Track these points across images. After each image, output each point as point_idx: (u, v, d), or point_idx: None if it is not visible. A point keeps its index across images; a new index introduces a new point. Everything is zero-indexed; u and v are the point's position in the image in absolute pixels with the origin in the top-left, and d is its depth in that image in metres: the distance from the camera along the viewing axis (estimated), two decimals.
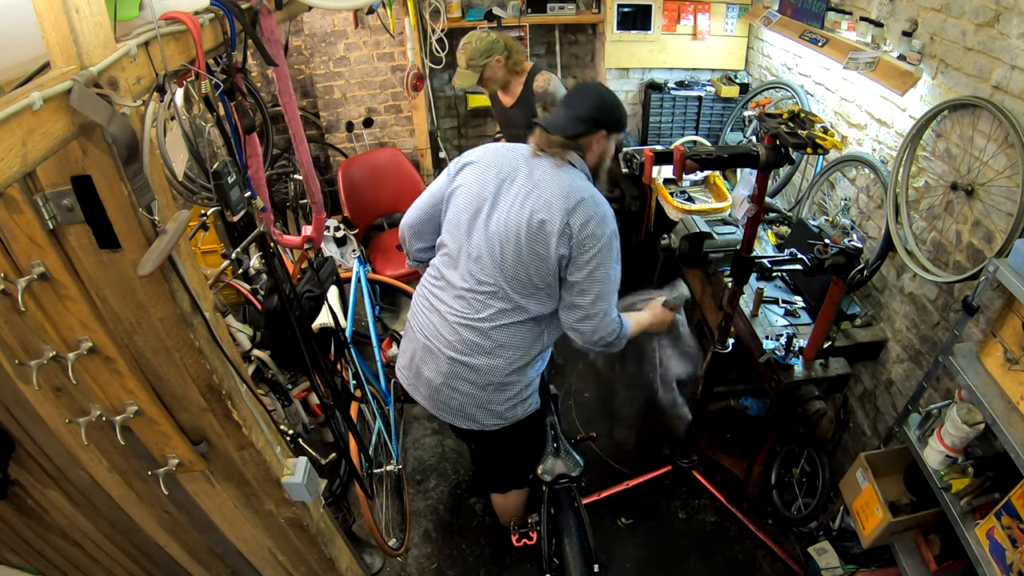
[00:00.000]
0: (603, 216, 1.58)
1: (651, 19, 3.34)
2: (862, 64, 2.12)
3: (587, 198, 1.58)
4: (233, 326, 2.11)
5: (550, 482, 1.95)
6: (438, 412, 1.79)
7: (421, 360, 1.76)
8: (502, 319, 1.65)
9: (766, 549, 2.42)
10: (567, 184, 1.58)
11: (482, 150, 1.75)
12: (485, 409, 1.73)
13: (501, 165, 1.67)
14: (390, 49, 3.77)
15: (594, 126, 1.64)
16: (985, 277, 1.49)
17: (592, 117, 1.64)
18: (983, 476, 1.59)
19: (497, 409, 1.73)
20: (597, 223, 1.56)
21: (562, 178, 1.60)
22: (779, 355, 2.12)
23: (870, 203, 2.35)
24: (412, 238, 1.86)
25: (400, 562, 2.44)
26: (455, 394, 1.72)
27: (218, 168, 1.02)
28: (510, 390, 1.72)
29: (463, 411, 1.74)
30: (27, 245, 0.84)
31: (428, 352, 1.74)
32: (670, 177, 2.99)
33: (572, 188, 1.58)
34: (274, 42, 1.23)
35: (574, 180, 1.60)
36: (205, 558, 1.58)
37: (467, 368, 1.67)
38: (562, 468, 1.94)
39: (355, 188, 3.52)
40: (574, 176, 1.62)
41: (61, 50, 0.69)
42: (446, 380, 1.71)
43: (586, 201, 1.57)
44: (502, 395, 1.71)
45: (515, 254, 1.59)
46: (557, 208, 1.55)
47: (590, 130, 1.64)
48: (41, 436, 1.20)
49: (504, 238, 1.60)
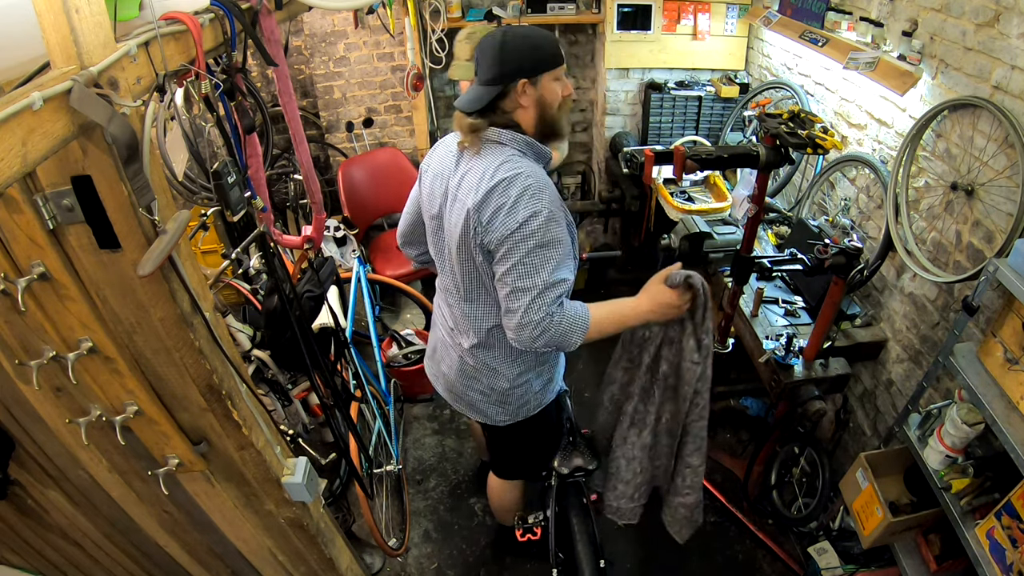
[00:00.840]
0: (516, 199, 1.35)
1: (651, 19, 3.33)
2: (862, 64, 2.12)
3: (498, 183, 1.37)
4: (233, 326, 2.11)
5: (566, 475, 1.92)
6: (455, 404, 1.84)
7: (440, 354, 1.81)
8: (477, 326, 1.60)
9: (766, 549, 2.42)
10: (480, 172, 1.41)
11: (433, 153, 1.63)
12: (497, 406, 1.73)
13: (441, 168, 1.54)
14: (390, 49, 3.77)
15: (504, 80, 1.39)
16: (985, 277, 1.49)
17: (498, 73, 1.38)
18: (983, 476, 1.59)
19: (509, 408, 1.74)
20: (508, 210, 1.35)
21: (481, 165, 1.41)
22: (779, 355, 2.12)
23: (870, 203, 2.35)
24: (405, 246, 1.86)
25: (400, 562, 2.44)
26: (468, 390, 1.73)
27: (218, 168, 1.02)
28: (519, 390, 1.70)
29: (475, 406, 1.76)
30: (27, 245, 0.84)
31: (444, 347, 1.77)
32: (670, 177, 2.99)
33: (483, 176, 1.39)
34: (274, 42, 1.23)
35: (491, 163, 1.40)
36: (205, 558, 1.58)
37: (473, 368, 1.68)
38: (579, 461, 1.91)
39: (355, 188, 3.53)
40: (495, 157, 1.41)
41: (61, 50, 0.69)
42: (459, 376, 1.73)
43: (496, 188, 1.37)
44: (511, 395, 1.71)
45: (458, 262, 1.51)
46: (470, 203, 1.40)
47: (503, 90, 1.40)
48: (41, 436, 1.20)
49: (449, 246, 1.52)
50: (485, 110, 1.42)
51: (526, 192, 1.36)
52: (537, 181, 1.39)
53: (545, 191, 1.39)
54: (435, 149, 1.63)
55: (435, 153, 1.61)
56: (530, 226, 1.35)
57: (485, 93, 1.41)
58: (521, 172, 1.38)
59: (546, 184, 1.41)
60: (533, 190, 1.37)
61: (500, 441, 1.95)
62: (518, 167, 1.39)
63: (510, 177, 1.37)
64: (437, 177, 1.54)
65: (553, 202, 1.40)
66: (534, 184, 1.37)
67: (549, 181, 1.44)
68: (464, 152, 1.47)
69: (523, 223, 1.35)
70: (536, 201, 1.36)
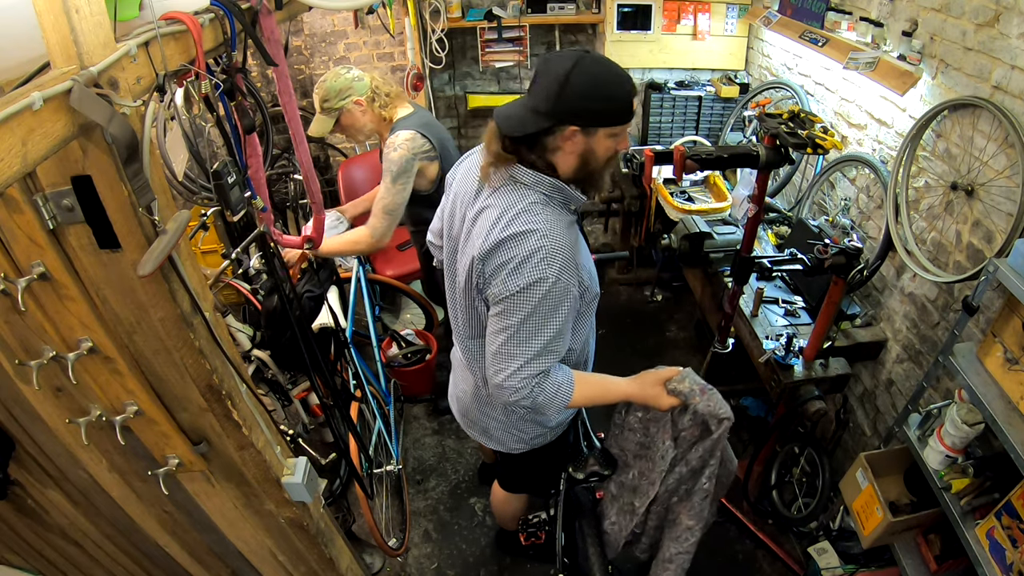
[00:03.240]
0: (523, 260, 1.22)
1: (651, 19, 3.34)
2: (862, 64, 2.12)
3: (509, 238, 1.23)
4: (233, 326, 2.10)
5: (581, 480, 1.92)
6: (468, 430, 1.77)
7: (459, 374, 1.73)
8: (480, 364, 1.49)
9: (766, 549, 2.42)
10: (495, 216, 1.26)
11: (459, 167, 1.49)
12: (514, 433, 1.66)
13: (462, 189, 1.41)
14: (390, 49, 3.78)
15: (553, 119, 1.20)
16: (985, 277, 1.49)
17: (551, 109, 1.19)
18: (983, 476, 1.59)
19: (526, 437, 1.67)
20: (513, 271, 1.22)
21: (498, 206, 1.26)
22: (779, 355, 2.12)
23: (870, 203, 2.35)
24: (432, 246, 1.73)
25: (400, 562, 2.44)
26: (484, 416, 1.67)
27: (218, 168, 1.02)
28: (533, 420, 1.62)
29: (490, 433, 1.69)
30: (27, 245, 0.84)
31: (461, 367, 1.69)
32: (670, 177, 2.99)
33: (497, 222, 1.25)
34: (274, 42, 1.23)
35: (507, 208, 1.25)
36: (205, 558, 1.58)
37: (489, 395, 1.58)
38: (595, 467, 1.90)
39: (355, 188, 3.52)
40: (514, 201, 1.26)
41: (61, 50, 0.69)
42: (474, 401, 1.66)
43: (506, 243, 1.23)
44: (530, 426, 1.64)
45: (462, 299, 1.42)
46: (477, 250, 1.27)
47: (551, 126, 1.21)
48: (41, 436, 1.20)
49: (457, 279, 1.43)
50: (524, 139, 1.25)
51: (536, 254, 1.22)
52: (552, 243, 1.23)
53: (558, 255, 1.23)
54: (462, 162, 1.50)
55: (461, 168, 1.48)
56: (533, 293, 1.23)
57: (531, 122, 1.22)
58: (537, 229, 1.23)
59: (562, 246, 1.25)
60: (545, 252, 1.22)
61: (513, 465, 1.89)
62: (535, 222, 1.24)
63: (524, 233, 1.23)
64: (458, 197, 1.42)
65: (565, 267, 1.25)
66: (548, 247, 1.22)
67: (567, 238, 1.28)
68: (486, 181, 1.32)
69: (526, 288, 1.23)
70: (546, 266, 1.22)
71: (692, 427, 1.49)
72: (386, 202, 2.12)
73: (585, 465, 1.86)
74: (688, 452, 1.51)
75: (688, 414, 1.47)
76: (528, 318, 1.25)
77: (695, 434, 1.49)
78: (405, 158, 2.08)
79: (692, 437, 1.50)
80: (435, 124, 2.25)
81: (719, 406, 1.43)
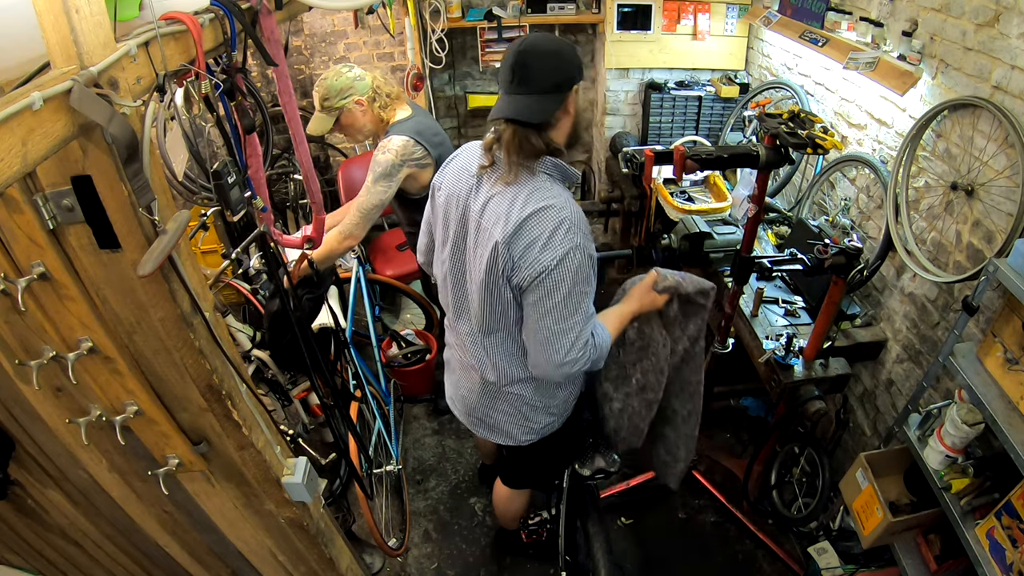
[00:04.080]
0: (551, 234, 1.28)
1: (651, 19, 3.34)
2: (862, 64, 2.12)
3: (531, 215, 1.29)
4: (233, 326, 2.11)
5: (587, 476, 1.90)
6: (475, 428, 1.78)
7: (459, 376, 1.74)
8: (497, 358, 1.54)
9: (766, 549, 2.42)
10: (509, 200, 1.32)
11: (446, 170, 1.53)
12: (524, 425, 1.67)
13: (455, 189, 1.45)
14: (390, 49, 3.78)
15: (567, 89, 1.31)
16: (985, 277, 1.49)
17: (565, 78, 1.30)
18: (983, 476, 1.59)
19: (536, 427, 1.68)
20: (543, 246, 1.28)
21: (509, 191, 1.33)
22: (779, 355, 2.12)
23: (870, 203, 2.35)
24: (427, 265, 1.75)
25: (400, 562, 2.44)
26: (491, 411, 1.67)
27: (218, 168, 1.02)
28: (551, 410, 1.66)
29: (499, 427, 1.70)
30: (27, 245, 0.84)
31: (463, 368, 1.70)
32: (670, 177, 2.99)
33: (513, 205, 1.31)
34: (274, 42, 1.23)
35: (520, 190, 1.32)
36: (205, 558, 1.58)
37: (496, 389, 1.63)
38: (602, 463, 1.89)
39: (355, 188, 3.50)
40: (524, 183, 1.33)
41: (61, 50, 0.69)
42: (480, 398, 1.68)
43: (529, 220, 1.29)
44: (540, 416, 1.66)
45: (481, 295, 1.43)
46: (499, 235, 1.32)
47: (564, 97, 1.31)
48: (41, 436, 1.20)
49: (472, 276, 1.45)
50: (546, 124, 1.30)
51: (561, 226, 1.28)
52: (572, 213, 1.31)
53: (580, 225, 1.32)
54: (448, 165, 1.53)
55: (448, 170, 1.51)
56: (568, 264, 1.28)
57: (548, 102, 1.28)
58: (554, 203, 1.30)
59: (579, 215, 1.34)
60: (569, 223, 1.29)
61: (520, 457, 1.89)
62: (550, 197, 1.31)
63: (544, 208, 1.29)
64: (452, 198, 1.45)
65: (587, 235, 1.34)
66: (569, 217, 1.30)
67: (580, 210, 1.36)
68: (485, 174, 1.38)
69: (561, 261, 1.28)
70: (572, 235, 1.29)
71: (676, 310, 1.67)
72: (362, 200, 2.11)
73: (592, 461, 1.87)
74: (686, 327, 1.69)
75: (674, 302, 1.65)
76: (571, 292, 1.31)
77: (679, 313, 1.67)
78: (392, 162, 2.09)
79: (677, 317, 1.67)
80: (432, 127, 2.24)
81: (700, 283, 1.64)
